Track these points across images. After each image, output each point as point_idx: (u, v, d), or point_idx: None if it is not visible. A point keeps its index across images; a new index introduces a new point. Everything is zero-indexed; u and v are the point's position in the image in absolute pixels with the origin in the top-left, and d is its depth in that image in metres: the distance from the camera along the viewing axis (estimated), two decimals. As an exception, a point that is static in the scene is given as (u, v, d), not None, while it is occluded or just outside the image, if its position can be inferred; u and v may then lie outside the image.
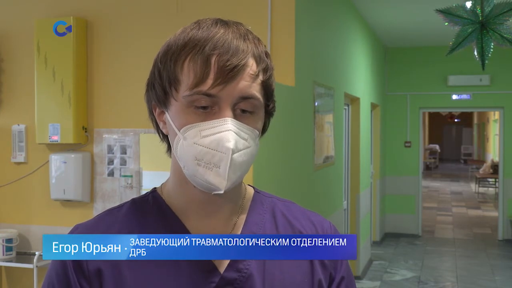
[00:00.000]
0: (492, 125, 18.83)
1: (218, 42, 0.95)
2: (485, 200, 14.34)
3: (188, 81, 0.95)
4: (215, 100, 0.94)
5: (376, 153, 8.53)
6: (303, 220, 1.10)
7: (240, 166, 0.95)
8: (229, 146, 0.92)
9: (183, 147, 0.96)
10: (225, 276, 1.00)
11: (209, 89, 0.93)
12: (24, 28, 3.87)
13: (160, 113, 1.03)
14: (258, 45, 0.99)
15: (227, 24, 0.99)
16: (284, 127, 3.54)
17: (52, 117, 3.66)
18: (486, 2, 3.65)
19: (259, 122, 1.00)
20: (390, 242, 8.86)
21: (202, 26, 0.98)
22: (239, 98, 0.95)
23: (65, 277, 0.98)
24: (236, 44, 0.95)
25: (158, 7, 3.72)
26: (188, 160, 0.95)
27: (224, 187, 0.94)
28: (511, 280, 6.86)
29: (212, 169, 0.93)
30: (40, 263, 3.53)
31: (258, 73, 0.97)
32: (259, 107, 0.99)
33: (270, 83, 1.01)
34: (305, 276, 1.04)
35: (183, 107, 0.96)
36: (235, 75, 0.94)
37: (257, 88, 0.97)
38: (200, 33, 0.96)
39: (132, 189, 3.62)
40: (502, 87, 8.90)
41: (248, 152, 0.96)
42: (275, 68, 1.04)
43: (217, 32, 0.96)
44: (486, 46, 3.74)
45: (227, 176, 0.93)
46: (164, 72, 0.98)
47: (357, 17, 6.55)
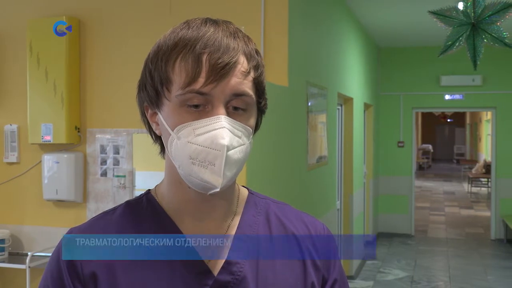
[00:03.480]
0: (485, 125, 18.93)
1: (208, 40, 0.95)
2: (478, 200, 14.41)
3: (180, 80, 0.95)
4: (208, 99, 0.94)
5: (369, 153, 8.55)
6: (296, 222, 1.10)
7: (235, 163, 0.95)
8: (223, 143, 0.92)
9: (177, 146, 0.96)
10: (218, 278, 1.00)
11: (202, 88, 0.93)
12: (16, 28, 3.86)
13: (152, 114, 1.03)
14: (248, 43, 1.00)
15: (216, 23, 0.99)
16: (277, 127, 3.55)
17: (45, 117, 3.65)
18: (478, 3, 3.67)
19: (252, 119, 1.00)
20: (383, 242, 8.89)
21: (191, 25, 0.98)
22: (231, 95, 0.95)
23: (60, 281, 0.98)
24: (227, 42, 0.95)
25: (151, 7, 3.71)
26: (183, 160, 0.95)
27: (220, 185, 0.94)
28: (503, 280, 6.89)
29: (207, 167, 0.93)
30: (32, 264, 3.51)
31: (249, 70, 0.97)
32: (251, 104, 0.99)
33: (261, 80, 1.01)
34: (298, 278, 1.04)
35: (176, 107, 0.96)
36: (227, 73, 0.94)
37: (248, 85, 0.97)
38: (190, 32, 0.97)
39: (125, 189, 3.61)
40: (494, 87, 8.95)
41: (242, 150, 0.96)
42: (268, 68, 1.05)
43: (207, 31, 0.96)
44: (477, 47, 3.76)
45: (223, 174, 0.93)
46: (156, 73, 0.98)
47: (350, 17, 6.56)
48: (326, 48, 5.14)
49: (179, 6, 3.64)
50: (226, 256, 1.01)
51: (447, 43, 3.81)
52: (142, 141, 3.57)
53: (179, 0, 3.65)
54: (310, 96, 4.37)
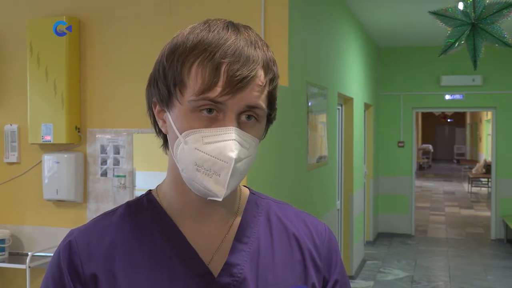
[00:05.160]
0: (485, 125, 18.92)
1: (229, 49, 0.92)
2: (478, 200, 14.40)
3: (195, 86, 0.93)
4: (221, 107, 0.93)
5: (369, 153, 8.55)
6: (297, 222, 1.10)
7: (240, 174, 0.96)
8: (232, 156, 0.92)
9: (184, 151, 0.95)
10: (218, 280, 0.99)
11: (217, 97, 0.92)
12: (16, 28, 3.86)
13: (160, 111, 1.01)
14: (267, 53, 0.98)
15: (238, 30, 0.96)
16: (277, 127, 3.55)
17: (45, 117, 3.65)
18: (478, 3, 3.67)
19: (261, 130, 1.00)
20: (383, 242, 8.89)
21: (212, 28, 0.95)
22: (245, 107, 0.94)
23: (60, 282, 0.98)
24: (247, 53, 0.93)
25: (151, 7, 3.71)
26: (188, 165, 0.94)
27: (223, 195, 0.93)
28: (503, 280, 6.89)
29: (211, 176, 0.93)
30: (32, 264, 3.51)
31: (265, 84, 0.96)
32: (263, 116, 0.98)
33: (275, 92, 1.01)
34: (299, 280, 1.04)
35: (187, 111, 0.94)
36: (245, 86, 0.92)
37: (263, 98, 0.96)
38: (210, 36, 0.94)
39: (125, 189, 3.61)
40: (494, 87, 8.94)
41: (248, 161, 0.97)
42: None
43: (228, 38, 0.93)
44: (477, 47, 3.76)
45: (227, 185, 0.93)
46: (170, 72, 0.96)
47: (350, 17, 6.56)
48: (326, 48, 5.14)
49: (179, 6, 3.64)
50: (226, 258, 1.01)
51: (447, 43, 3.81)
52: (142, 141, 3.57)
53: (179, 0, 3.65)
54: (310, 96, 4.37)
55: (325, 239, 1.10)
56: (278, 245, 1.06)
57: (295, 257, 1.05)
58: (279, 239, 1.06)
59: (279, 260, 1.04)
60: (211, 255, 1.01)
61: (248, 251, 1.03)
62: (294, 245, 1.07)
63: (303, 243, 1.07)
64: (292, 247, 1.06)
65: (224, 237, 1.03)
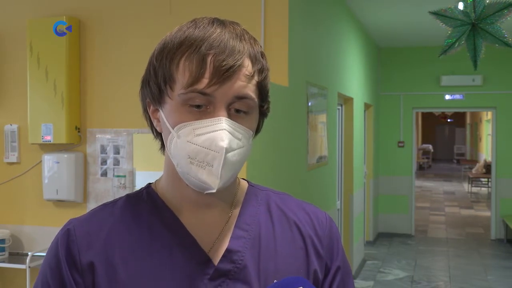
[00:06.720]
0: (485, 125, 18.92)
1: (214, 41, 0.95)
2: (478, 200, 14.41)
3: (184, 79, 0.95)
4: (210, 99, 0.95)
5: (369, 153, 8.55)
6: (298, 212, 1.10)
7: (233, 165, 0.96)
8: (222, 145, 0.93)
9: (177, 145, 0.96)
10: (219, 267, 1.00)
11: (204, 88, 0.94)
12: (16, 28, 3.86)
13: (154, 110, 1.03)
14: (254, 45, 1.00)
15: (223, 24, 0.99)
16: (277, 127, 3.55)
17: (45, 117, 3.65)
18: (478, 2, 3.67)
19: (253, 122, 1.01)
20: (383, 242, 8.89)
21: (198, 25, 0.98)
22: (234, 98, 0.95)
23: (58, 270, 0.99)
24: (232, 44, 0.95)
25: (151, 7, 3.71)
26: (182, 158, 0.96)
27: (216, 186, 0.94)
28: (503, 280, 6.89)
29: (205, 168, 0.94)
30: (32, 264, 3.51)
31: (253, 74, 0.98)
32: (254, 107, 0.99)
33: (265, 84, 1.01)
34: (300, 266, 1.04)
35: (178, 106, 0.96)
36: (231, 76, 0.94)
37: (252, 88, 0.97)
38: (196, 32, 0.96)
39: (125, 189, 3.61)
40: (494, 87, 8.95)
41: (241, 152, 0.97)
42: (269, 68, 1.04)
43: (213, 31, 0.96)
44: (477, 47, 3.76)
45: (220, 175, 0.94)
46: (160, 70, 0.98)
47: (350, 17, 6.56)
48: (326, 48, 5.14)
49: (179, 6, 3.64)
50: (227, 245, 1.01)
51: (447, 43, 3.81)
52: (142, 141, 3.57)
53: (179, 0, 3.65)
54: (310, 96, 4.37)
55: (326, 227, 1.10)
56: (279, 233, 1.06)
57: (297, 244, 1.06)
58: (280, 227, 1.07)
59: (281, 248, 1.04)
60: (211, 244, 1.01)
61: (249, 238, 1.03)
62: (295, 233, 1.07)
63: (304, 230, 1.07)
64: (293, 234, 1.07)
65: (224, 226, 1.03)
